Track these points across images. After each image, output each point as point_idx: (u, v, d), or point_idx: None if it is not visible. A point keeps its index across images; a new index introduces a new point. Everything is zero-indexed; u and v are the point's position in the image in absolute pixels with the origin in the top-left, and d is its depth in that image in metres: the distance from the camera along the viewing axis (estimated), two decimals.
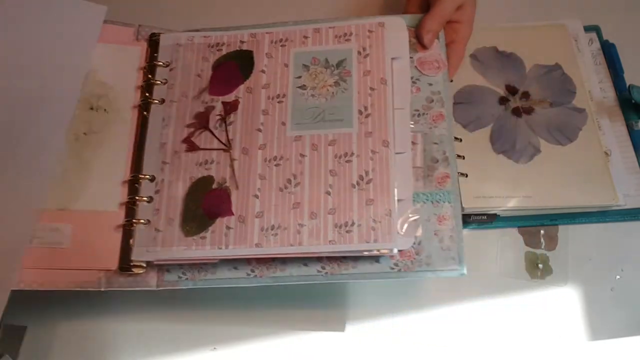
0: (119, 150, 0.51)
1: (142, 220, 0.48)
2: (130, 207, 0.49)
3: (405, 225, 0.46)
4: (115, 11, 0.55)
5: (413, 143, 0.49)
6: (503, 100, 0.58)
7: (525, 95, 0.59)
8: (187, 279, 0.48)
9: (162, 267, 0.48)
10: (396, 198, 0.46)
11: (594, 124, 0.57)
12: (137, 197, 0.48)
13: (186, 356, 0.51)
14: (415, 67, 0.52)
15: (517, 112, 0.58)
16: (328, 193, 0.47)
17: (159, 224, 0.48)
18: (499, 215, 0.55)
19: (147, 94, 0.52)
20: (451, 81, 0.54)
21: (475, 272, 0.53)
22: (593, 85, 0.60)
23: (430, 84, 0.51)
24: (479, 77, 0.59)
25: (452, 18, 0.54)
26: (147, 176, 0.49)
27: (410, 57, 0.52)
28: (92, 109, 0.52)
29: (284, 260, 0.47)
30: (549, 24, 0.62)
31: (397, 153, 0.48)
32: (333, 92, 0.50)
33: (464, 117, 0.57)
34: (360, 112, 0.49)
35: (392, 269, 0.46)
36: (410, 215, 0.46)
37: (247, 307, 0.52)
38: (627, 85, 0.58)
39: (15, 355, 0.50)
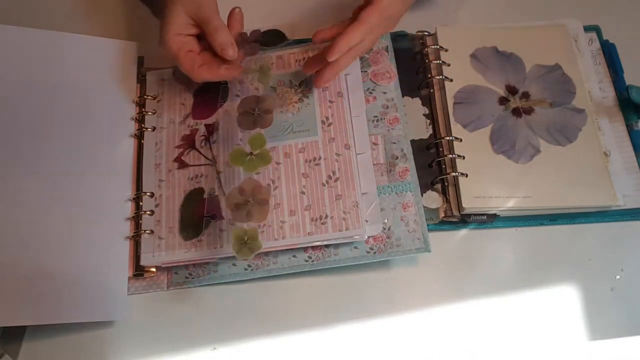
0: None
1: (147, 231, 0.54)
2: (137, 221, 0.54)
3: (372, 214, 0.52)
4: None
5: (375, 144, 0.56)
6: (503, 101, 0.58)
7: (525, 95, 0.58)
8: (193, 278, 0.53)
9: (171, 270, 0.54)
10: (361, 192, 0.53)
11: (594, 125, 0.57)
12: (141, 212, 0.54)
13: (186, 356, 0.51)
14: (370, 79, 0.58)
15: (517, 112, 0.57)
16: (303, 192, 0.53)
17: (161, 233, 0.53)
18: (499, 215, 0.55)
19: (142, 124, 0.58)
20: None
21: (475, 272, 0.53)
22: (593, 86, 0.59)
23: (385, 92, 0.58)
24: (479, 77, 0.59)
25: None
26: (148, 193, 0.55)
27: (365, 71, 0.59)
28: None
29: (275, 254, 0.53)
30: (549, 24, 0.62)
31: (358, 154, 0.54)
32: (298, 108, 0.57)
33: (464, 117, 0.57)
34: (323, 122, 0.55)
35: (368, 252, 0.52)
36: (375, 205, 0.53)
37: (247, 307, 0.52)
38: (626, 86, 0.58)
39: (15, 355, 0.50)
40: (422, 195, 0.55)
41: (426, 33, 0.62)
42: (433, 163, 0.57)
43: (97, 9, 0.67)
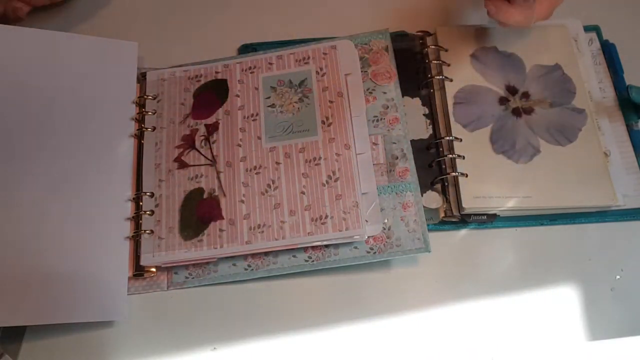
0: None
1: (147, 231, 0.54)
2: (137, 221, 0.54)
3: (372, 214, 0.52)
4: None
5: (375, 144, 0.56)
6: (503, 101, 0.58)
7: (525, 95, 0.58)
8: (193, 278, 0.53)
9: (170, 270, 0.53)
10: (361, 192, 0.53)
11: (594, 125, 0.57)
12: (141, 212, 0.54)
13: (186, 356, 0.51)
14: (370, 79, 0.58)
15: (517, 112, 0.57)
16: (303, 193, 0.53)
17: (162, 233, 0.53)
18: (499, 215, 0.55)
19: (142, 124, 0.58)
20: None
21: (475, 272, 0.53)
22: (593, 86, 0.59)
23: (385, 92, 0.58)
24: (479, 77, 0.59)
25: None
26: (148, 193, 0.55)
27: (365, 71, 0.59)
28: None
29: (275, 254, 0.53)
30: (549, 24, 0.61)
31: (358, 154, 0.55)
32: (298, 108, 0.57)
33: (464, 117, 0.57)
34: (323, 122, 0.56)
35: (368, 252, 0.52)
36: (375, 205, 0.53)
37: (247, 307, 0.52)
38: (626, 86, 0.58)
39: (15, 355, 0.50)
40: (422, 195, 0.55)
41: (426, 33, 0.62)
42: (433, 163, 0.57)
43: (97, 9, 0.67)
